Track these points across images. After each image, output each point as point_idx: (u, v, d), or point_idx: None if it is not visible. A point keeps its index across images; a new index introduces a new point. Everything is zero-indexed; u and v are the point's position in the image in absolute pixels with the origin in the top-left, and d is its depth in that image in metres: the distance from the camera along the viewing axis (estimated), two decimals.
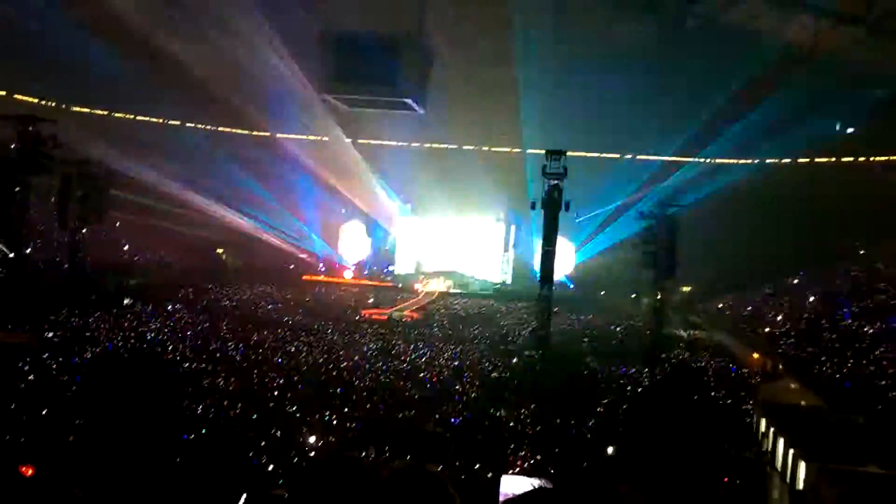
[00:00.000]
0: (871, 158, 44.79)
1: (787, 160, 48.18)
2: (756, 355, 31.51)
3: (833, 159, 45.87)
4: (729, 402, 23.32)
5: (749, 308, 41.52)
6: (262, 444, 16.17)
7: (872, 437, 18.25)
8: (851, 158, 45.23)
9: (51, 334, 25.85)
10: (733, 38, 38.67)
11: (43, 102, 48.56)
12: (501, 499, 13.99)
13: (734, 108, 41.24)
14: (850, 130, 42.37)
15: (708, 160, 50.36)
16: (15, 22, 40.26)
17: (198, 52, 44.53)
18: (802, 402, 23.33)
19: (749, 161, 49.98)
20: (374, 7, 40.75)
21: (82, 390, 18.03)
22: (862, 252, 41.35)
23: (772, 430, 20.08)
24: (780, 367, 28.87)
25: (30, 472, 7.80)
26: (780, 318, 37.79)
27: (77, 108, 52.35)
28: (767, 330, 36.48)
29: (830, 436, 18.30)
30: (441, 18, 39.44)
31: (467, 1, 40.40)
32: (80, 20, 40.83)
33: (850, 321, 33.81)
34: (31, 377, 19.26)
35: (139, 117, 55.22)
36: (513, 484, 14.37)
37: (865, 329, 31.79)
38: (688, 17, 38.30)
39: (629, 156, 51.74)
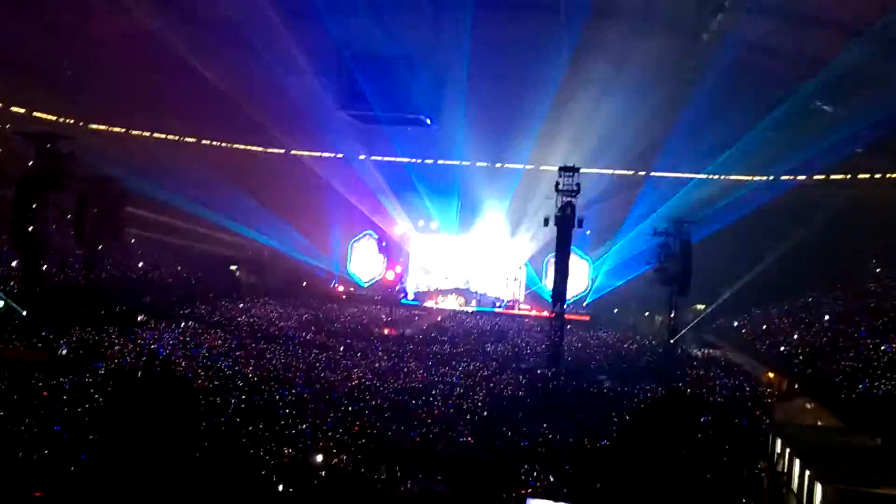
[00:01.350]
0: (889, 175, 44.43)
1: (803, 177, 47.90)
2: (771, 374, 31.23)
3: (849, 176, 45.55)
4: (744, 421, 23.09)
5: (764, 326, 41.17)
6: (274, 461, 16.19)
7: (889, 459, 18.01)
8: (868, 175, 44.88)
9: (65, 351, 26.01)
10: (747, 55, 38.60)
11: (61, 120, 49.33)
12: None
13: (748, 124, 41.04)
14: (866, 148, 41.96)
15: (722, 177, 50.22)
16: (32, 40, 40.75)
17: (216, 71, 44.99)
18: (818, 422, 23.06)
19: (764, 178, 49.76)
20: (388, 27, 41.08)
21: (94, 407, 18.12)
22: (878, 270, 40.96)
23: (787, 450, 19.83)
24: (796, 386, 28.57)
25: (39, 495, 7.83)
26: (795, 336, 37.45)
27: (95, 126, 53.01)
28: (783, 349, 36.16)
29: (846, 457, 18.07)
30: (454, 37, 39.61)
31: (479, 20, 40.55)
32: (100, 38, 41.38)
33: (866, 340, 33.43)
34: (44, 393, 19.38)
35: (156, 134, 55.82)
36: None
37: (882, 347, 31.42)
38: (702, 35, 38.25)
39: (643, 172, 51.59)
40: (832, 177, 46.45)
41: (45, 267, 35.76)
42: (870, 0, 31.30)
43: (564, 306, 32.86)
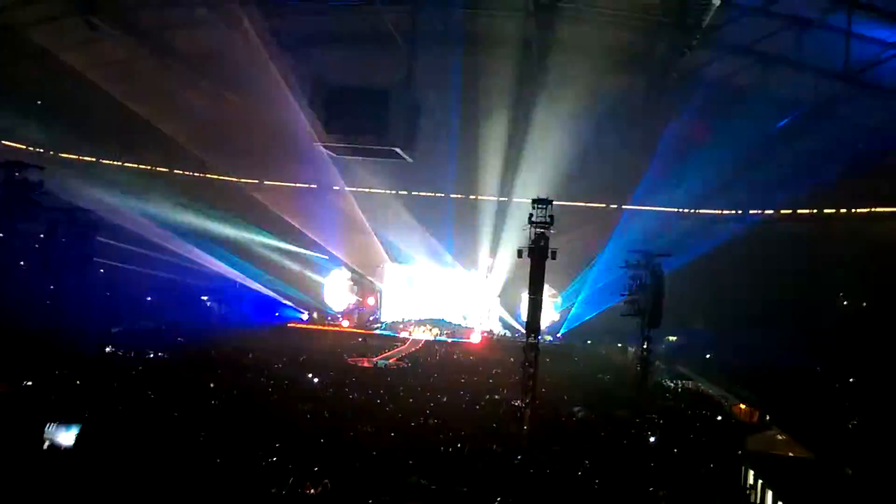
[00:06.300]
0: (854, 210, 45.41)
1: (770, 211, 48.82)
2: (743, 405, 31.38)
3: (815, 211, 46.50)
4: (716, 453, 23.11)
5: (737, 358, 41.44)
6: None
7: (861, 490, 18.14)
8: (833, 210, 45.83)
9: (29, 382, 25.44)
10: (717, 92, 39.40)
11: (30, 149, 48.79)
12: None
13: (720, 160, 41.64)
14: (833, 183, 42.85)
15: (693, 211, 50.99)
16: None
17: (189, 101, 44.96)
18: (790, 453, 23.18)
19: (734, 212, 50.56)
20: (364, 59, 41.50)
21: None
22: (846, 303, 41.61)
23: (759, 481, 19.90)
24: (767, 417, 28.71)
25: None
26: (766, 368, 37.73)
27: (65, 155, 52.45)
28: (754, 380, 36.38)
29: (819, 488, 18.17)
30: (430, 70, 40.02)
31: (455, 53, 41.01)
32: (72, 67, 41.17)
33: (838, 372, 33.83)
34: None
35: (127, 164, 55.37)
36: None
37: (851, 380, 31.81)
38: (672, 72, 38.97)
39: (614, 206, 52.14)
40: (799, 211, 47.40)
41: (9, 297, 35.00)
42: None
43: (538, 338, 32.77)
